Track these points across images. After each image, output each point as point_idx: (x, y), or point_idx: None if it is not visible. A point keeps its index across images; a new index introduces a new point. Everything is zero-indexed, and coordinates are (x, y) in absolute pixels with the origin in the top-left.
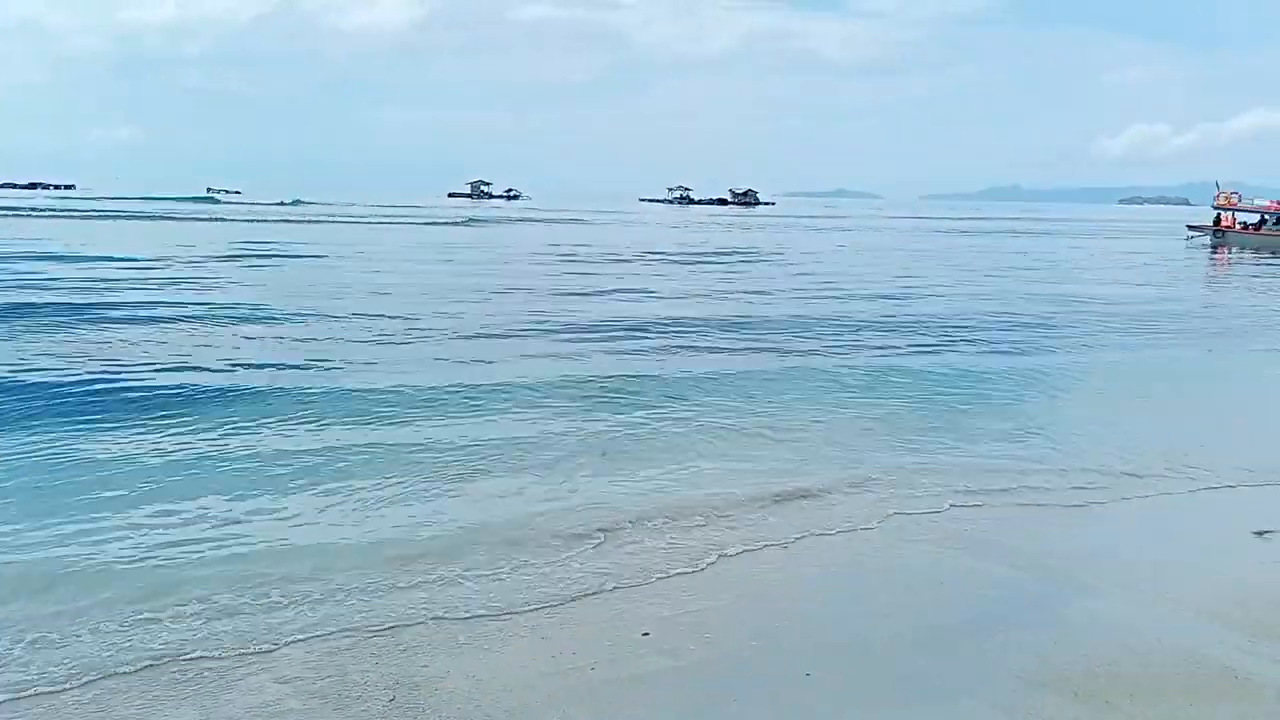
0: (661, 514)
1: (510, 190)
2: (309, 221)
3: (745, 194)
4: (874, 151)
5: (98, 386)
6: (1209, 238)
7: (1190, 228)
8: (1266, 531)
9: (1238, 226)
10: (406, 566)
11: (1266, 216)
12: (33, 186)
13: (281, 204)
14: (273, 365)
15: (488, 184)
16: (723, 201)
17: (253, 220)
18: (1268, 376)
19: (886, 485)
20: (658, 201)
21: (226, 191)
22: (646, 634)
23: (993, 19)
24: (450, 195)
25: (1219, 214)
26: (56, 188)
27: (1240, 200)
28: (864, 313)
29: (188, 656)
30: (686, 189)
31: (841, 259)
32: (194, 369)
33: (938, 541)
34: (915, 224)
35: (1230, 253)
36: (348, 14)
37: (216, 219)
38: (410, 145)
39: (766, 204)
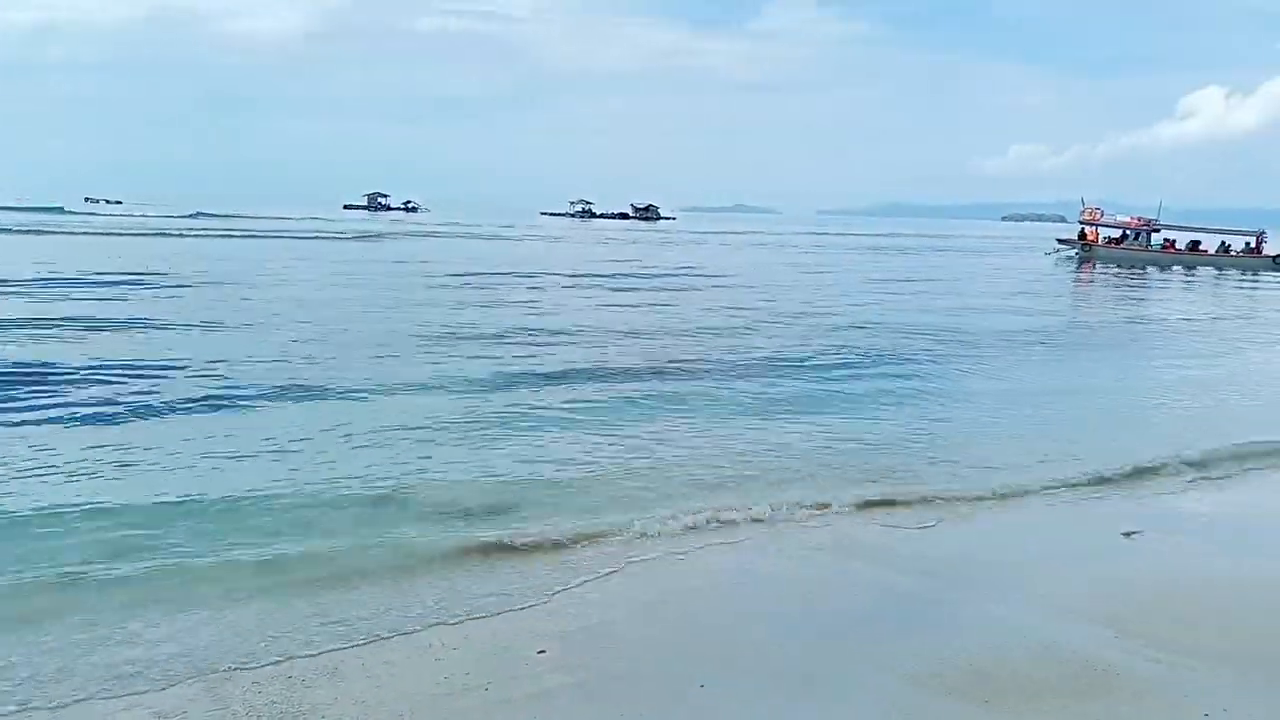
0: (556, 530)
1: (408, 202)
2: (174, 235)
3: (647, 209)
4: (771, 167)
5: None
6: (1075, 251)
7: (1059, 241)
8: (1133, 532)
9: (1101, 241)
10: (297, 592)
11: (1128, 232)
12: None
13: (169, 216)
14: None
15: (385, 196)
16: (624, 216)
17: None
18: (1133, 385)
19: (778, 495)
20: (559, 215)
21: (108, 201)
22: (542, 651)
23: (881, 41)
24: (346, 207)
25: (1083, 229)
26: None
27: (1103, 215)
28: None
29: (63, 694)
30: (588, 203)
31: (807, 283)
32: None
33: (826, 549)
34: (827, 240)
35: (1095, 266)
36: (239, 20)
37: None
38: (306, 156)
39: (668, 219)
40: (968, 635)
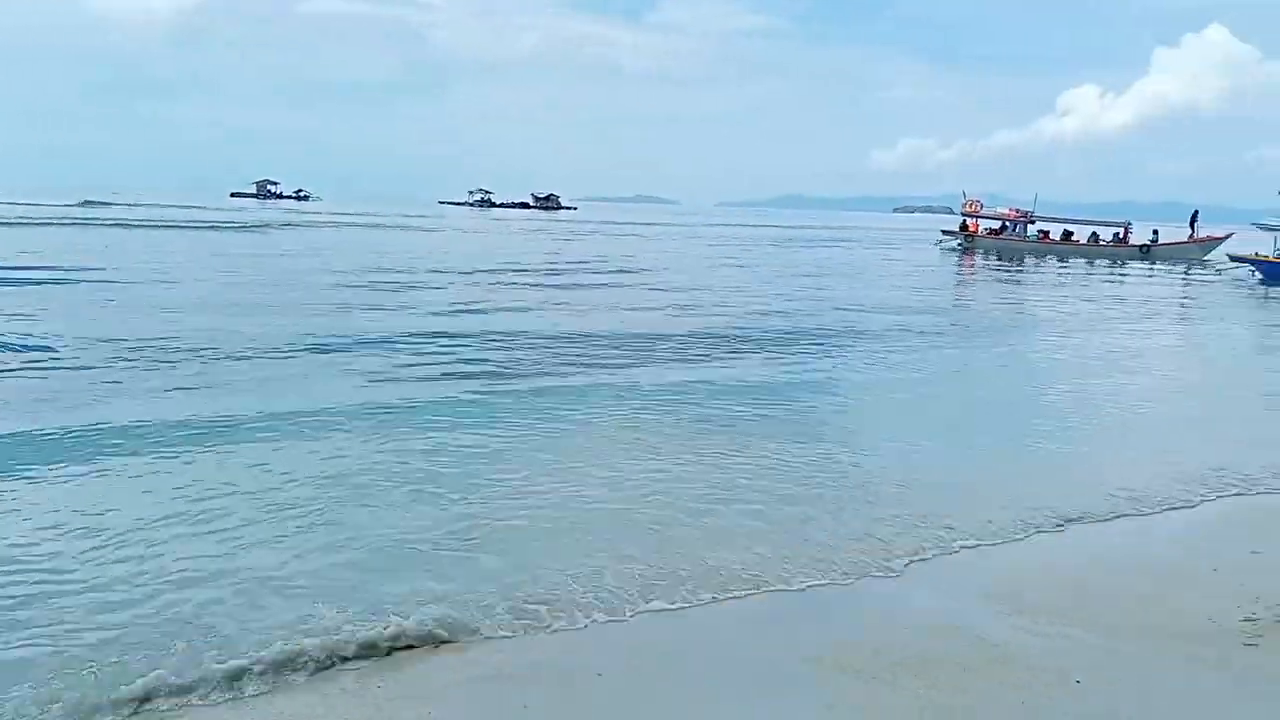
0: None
1: (300, 191)
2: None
3: (548, 198)
4: (672, 158)
5: None
6: (958, 242)
7: (944, 233)
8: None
9: (983, 232)
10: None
11: (1006, 223)
12: None
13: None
14: None
15: (275, 184)
16: (525, 205)
17: None
18: (1029, 373)
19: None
20: (459, 204)
21: None
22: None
23: (780, 35)
24: (233, 195)
25: (964, 220)
26: None
27: (983, 208)
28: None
29: None
30: (488, 192)
31: (730, 276)
32: None
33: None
34: (733, 232)
35: (976, 256)
36: (122, 0)
37: None
38: (193, 142)
39: (569, 208)
40: (874, 618)
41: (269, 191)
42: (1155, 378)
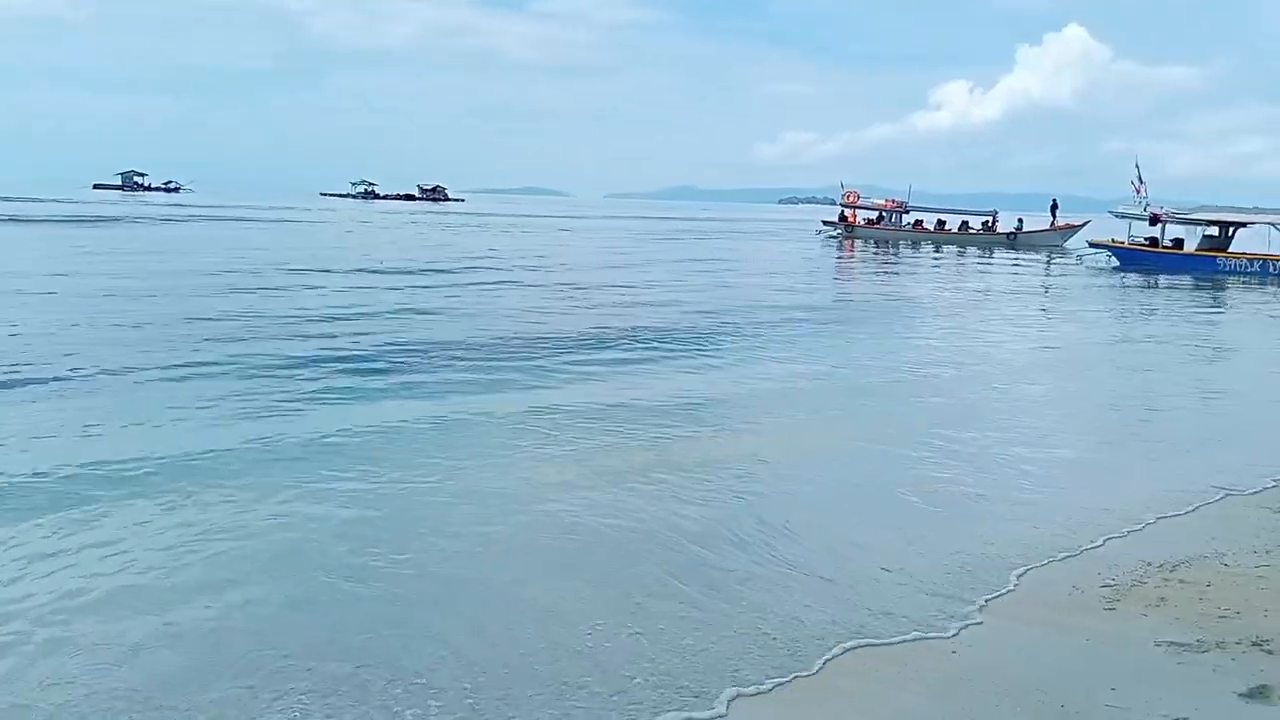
0: None
1: (170, 182)
2: None
3: (434, 190)
4: (560, 150)
5: None
6: (838, 232)
7: (824, 223)
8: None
9: (861, 222)
10: None
11: (883, 213)
12: None
13: None
14: None
15: (142, 175)
16: (410, 197)
17: None
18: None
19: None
20: (340, 196)
21: None
22: None
23: (667, 28)
24: (96, 187)
25: (843, 211)
26: None
27: (860, 198)
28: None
29: None
30: (371, 184)
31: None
32: None
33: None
34: (621, 224)
35: (856, 245)
36: None
37: None
38: (52, 131)
39: (456, 200)
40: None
41: (135, 183)
42: (1034, 360)
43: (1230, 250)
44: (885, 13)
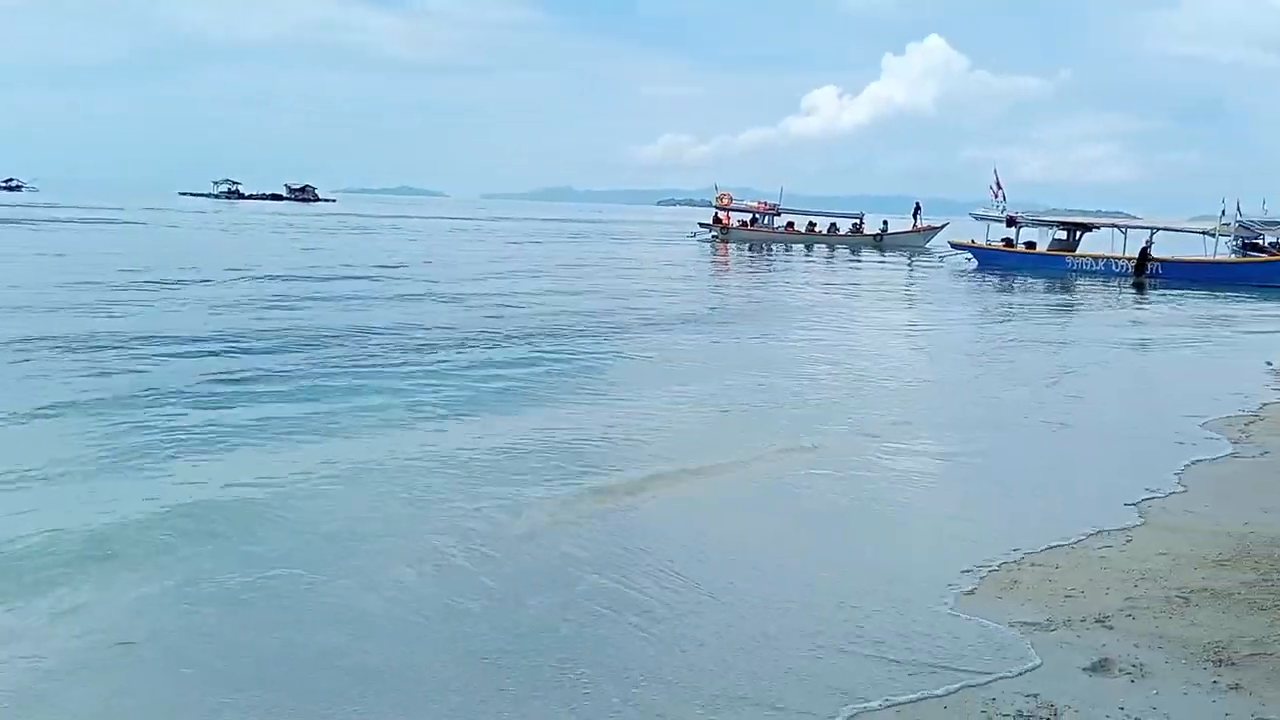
0: None
1: (10, 180)
2: None
3: (303, 189)
4: (435, 149)
5: None
6: (713, 234)
7: (700, 224)
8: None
9: (735, 224)
10: None
11: (756, 215)
12: None
13: None
14: None
15: None
16: (277, 197)
17: None
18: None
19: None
20: (202, 196)
21: None
22: None
23: (542, 27)
24: None
25: (716, 214)
26: None
27: (733, 201)
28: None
29: None
30: (235, 183)
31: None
32: None
33: None
34: (497, 225)
35: (731, 247)
36: None
37: None
38: None
39: (327, 200)
40: None
41: None
42: (899, 351)
43: (1078, 251)
44: (756, 17)
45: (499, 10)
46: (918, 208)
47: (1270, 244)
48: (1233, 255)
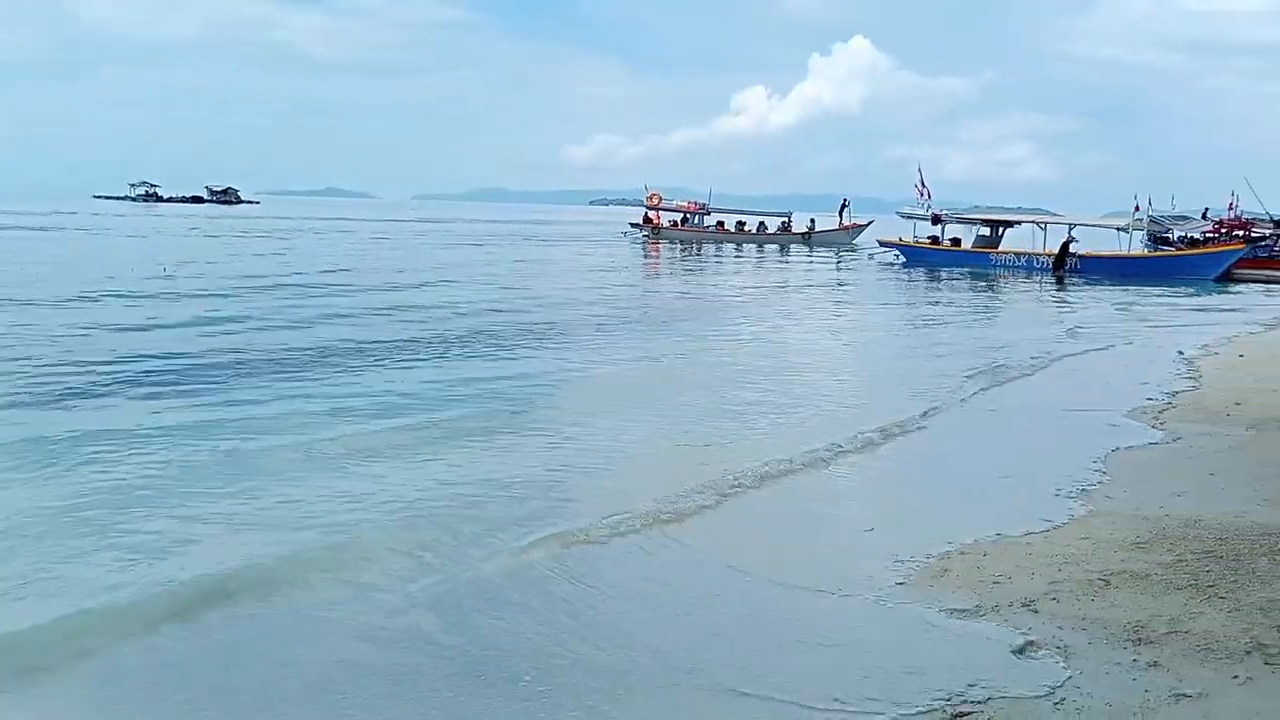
0: None
1: None
2: None
3: (225, 191)
4: (365, 151)
5: None
6: (644, 234)
7: (631, 224)
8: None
9: (666, 223)
10: None
11: (687, 215)
12: None
13: None
14: None
15: None
16: (198, 199)
17: None
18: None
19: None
20: (118, 199)
21: None
22: None
23: (472, 27)
24: None
25: (646, 213)
26: None
27: (663, 200)
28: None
29: None
30: (153, 185)
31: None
32: None
33: None
34: (428, 227)
35: (662, 246)
36: None
37: None
38: None
39: (250, 202)
40: None
41: None
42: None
43: (1001, 248)
44: (686, 18)
45: (429, 9)
46: (844, 205)
47: (1179, 239)
48: (1145, 250)
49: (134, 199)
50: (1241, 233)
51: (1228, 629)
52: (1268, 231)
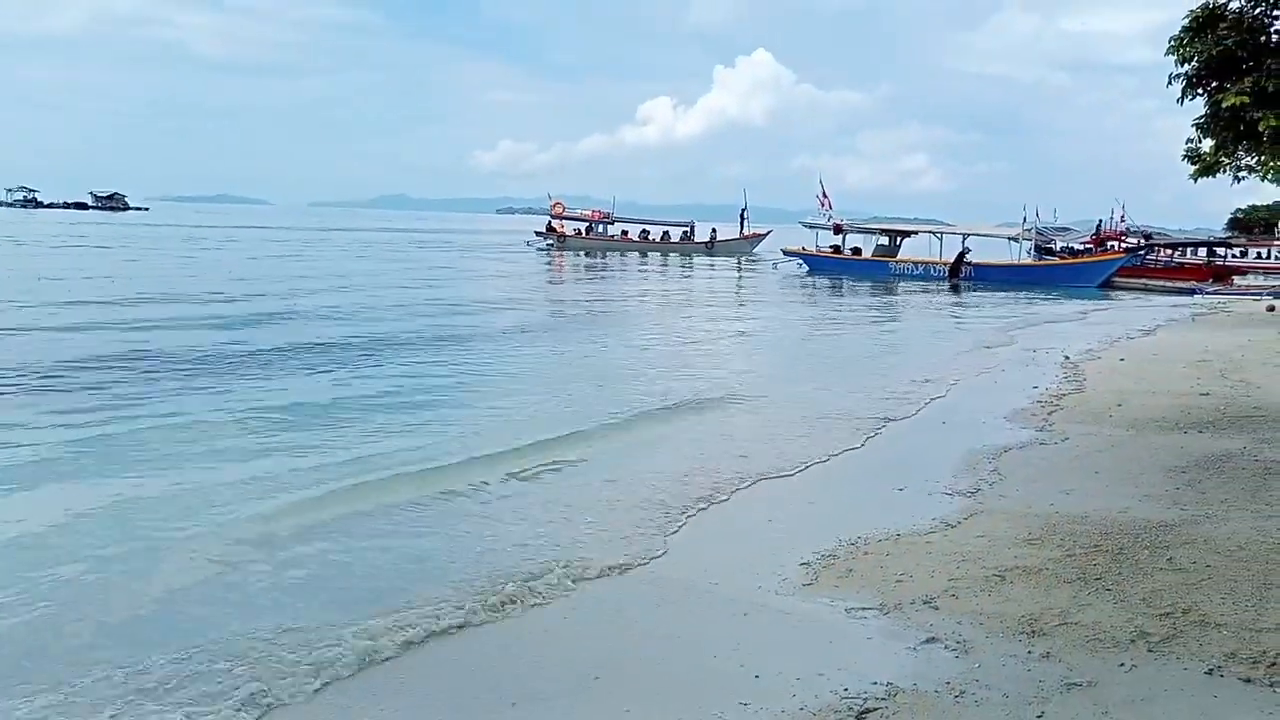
0: None
1: None
2: None
3: (110, 197)
4: (259, 155)
5: None
6: (549, 242)
7: (536, 233)
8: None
9: (570, 232)
10: None
11: (591, 224)
12: None
13: None
14: None
15: None
16: (82, 206)
17: None
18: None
19: None
20: None
21: None
22: None
23: (373, 29)
24: None
25: (549, 222)
26: None
27: (566, 209)
28: None
29: None
30: (32, 190)
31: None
32: None
33: None
34: (322, 235)
35: (567, 255)
36: None
37: None
38: None
39: (139, 209)
40: None
41: None
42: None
43: (899, 257)
44: (590, 26)
45: (326, 9)
46: (743, 214)
47: (1061, 249)
48: (1030, 259)
49: (11, 205)
50: (1115, 243)
51: (1114, 619)
52: (1139, 243)
